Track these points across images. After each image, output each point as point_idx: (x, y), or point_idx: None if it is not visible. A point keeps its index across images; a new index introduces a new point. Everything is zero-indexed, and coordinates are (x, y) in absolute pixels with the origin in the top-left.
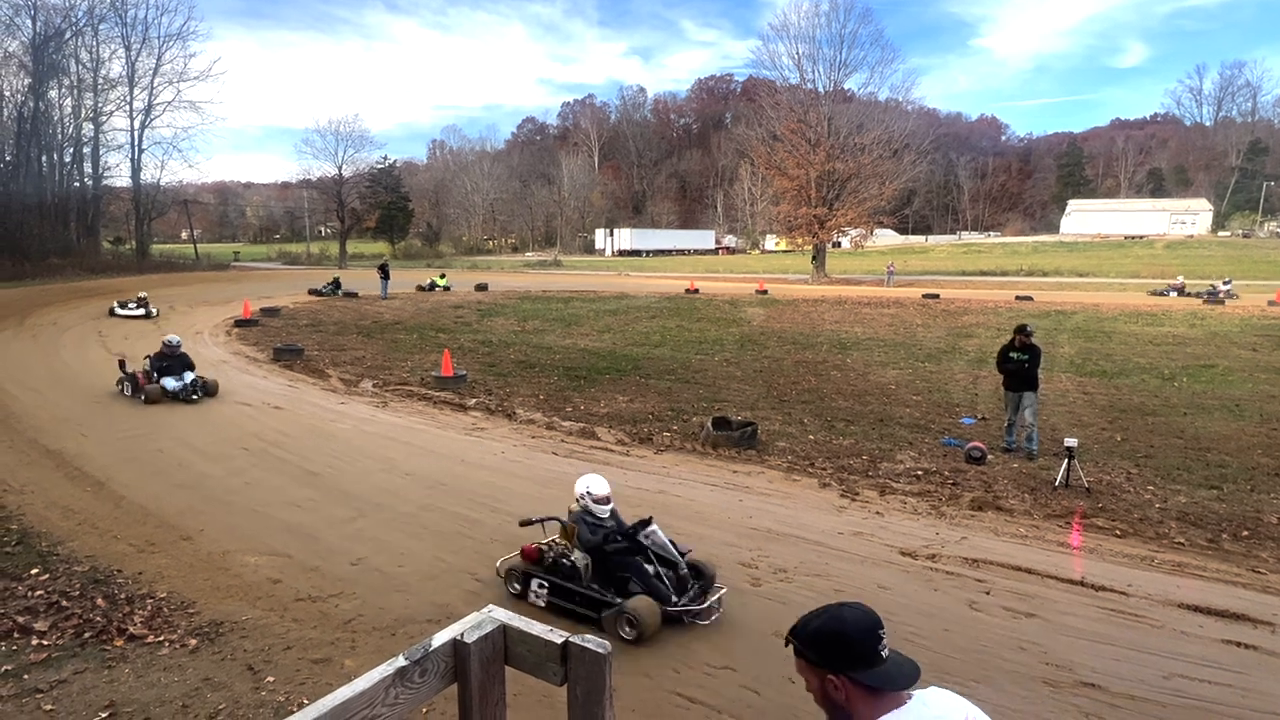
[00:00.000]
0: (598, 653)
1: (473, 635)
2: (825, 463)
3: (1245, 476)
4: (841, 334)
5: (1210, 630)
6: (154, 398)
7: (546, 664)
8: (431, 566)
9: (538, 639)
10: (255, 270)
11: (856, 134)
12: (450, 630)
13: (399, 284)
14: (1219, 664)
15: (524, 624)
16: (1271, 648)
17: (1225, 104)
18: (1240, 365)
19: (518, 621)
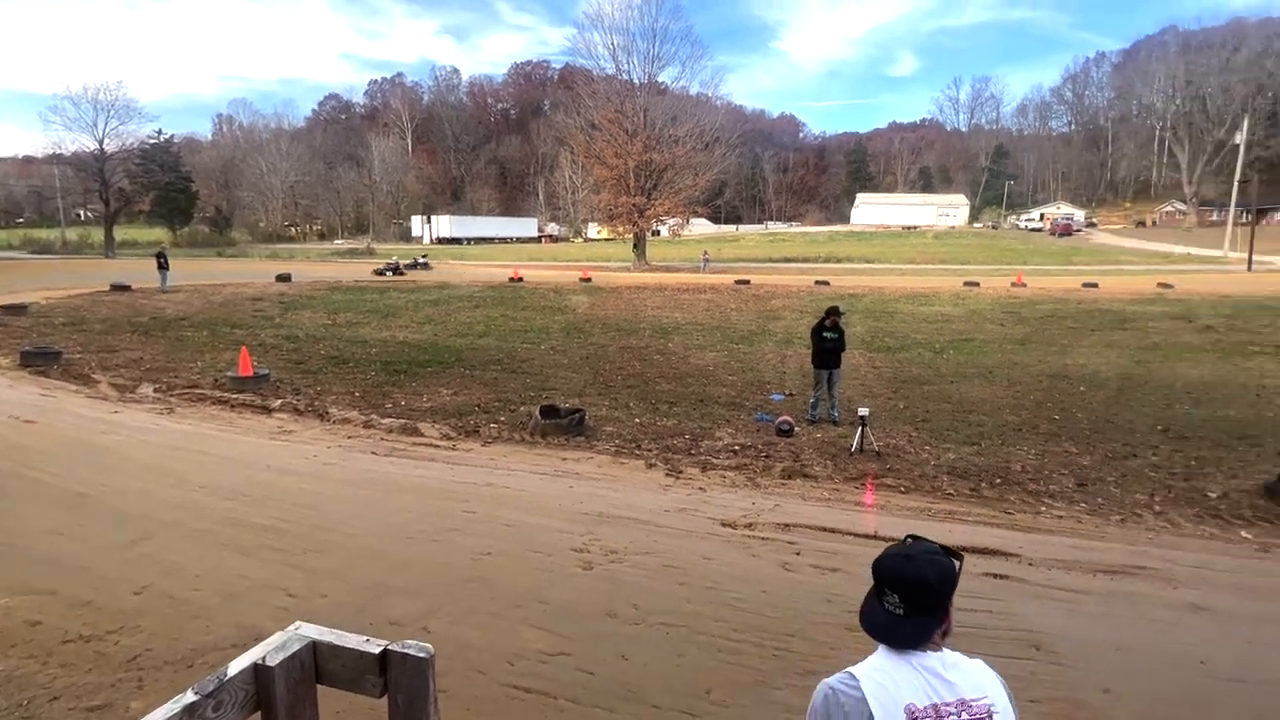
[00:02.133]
0: (419, 658)
1: (276, 657)
2: (651, 444)
3: (997, 433)
4: (663, 320)
5: (975, 566)
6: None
7: (363, 677)
8: (234, 585)
9: (352, 651)
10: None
11: (671, 126)
12: (250, 654)
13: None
14: (982, 594)
15: (336, 637)
16: (1020, 575)
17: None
18: (992, 338)
19: (329, 636)
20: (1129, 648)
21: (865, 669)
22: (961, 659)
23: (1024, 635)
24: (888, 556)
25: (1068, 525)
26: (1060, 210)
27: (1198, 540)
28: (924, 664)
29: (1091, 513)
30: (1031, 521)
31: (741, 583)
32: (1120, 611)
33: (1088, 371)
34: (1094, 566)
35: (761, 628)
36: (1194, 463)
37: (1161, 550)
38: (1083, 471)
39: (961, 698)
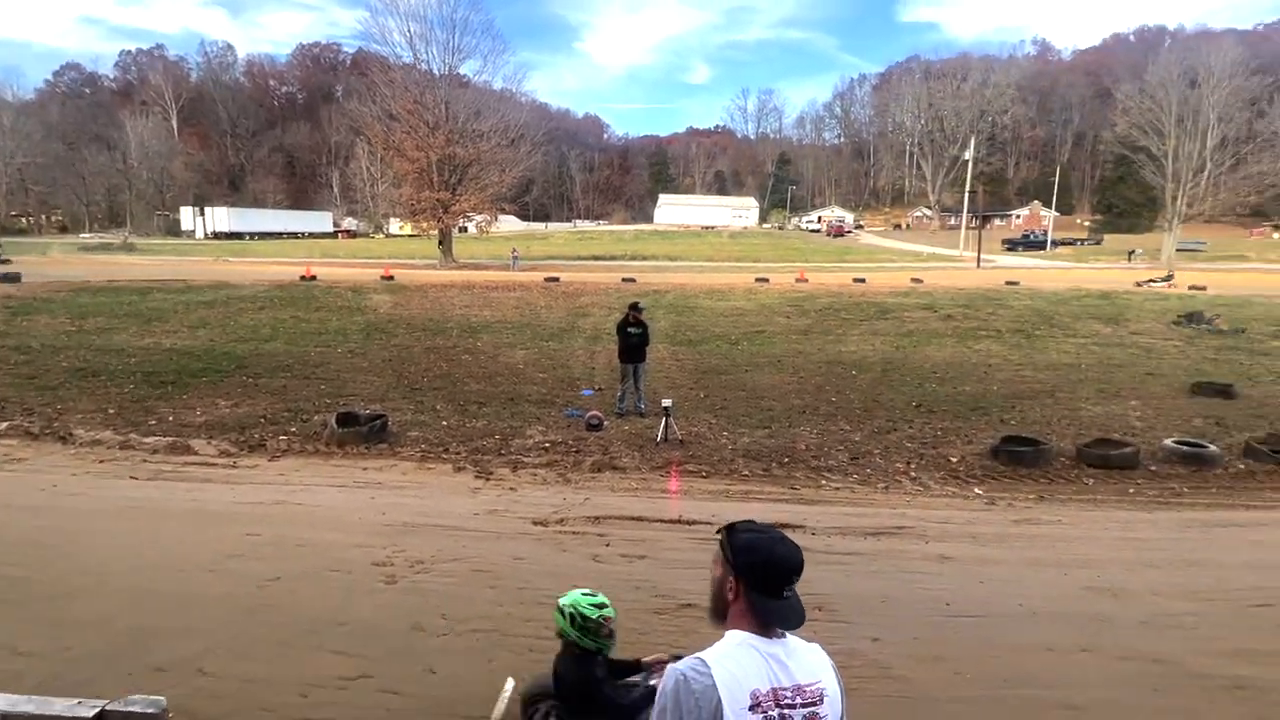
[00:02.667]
0: (148, 714)
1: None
2: (459, 447)
3: (786, 416)
4: (471, 318)
5: None
6: None
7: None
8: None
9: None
10: None
11: (475, 120)
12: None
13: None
14: None
15: (37, 704)
16: (805, 544)
17: (762, 122)
18: (780, 330)
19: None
20: (892, 598)
21: (716, 655)
22: (800, 645)
23: (809, 599)
24: (777, 547)
25: (843, 495)
26: (834, 214)
27: (943, 499)
28: (770, 650)
29: (862, 482)
30: (815, 495)
31: (553, 579)
32: (885, 568)
33: (858, 357)
34: (864, 530)
35: None
36: (940, 433)
37: (916, 510)
38: (855, 446)
39: (797, 683)
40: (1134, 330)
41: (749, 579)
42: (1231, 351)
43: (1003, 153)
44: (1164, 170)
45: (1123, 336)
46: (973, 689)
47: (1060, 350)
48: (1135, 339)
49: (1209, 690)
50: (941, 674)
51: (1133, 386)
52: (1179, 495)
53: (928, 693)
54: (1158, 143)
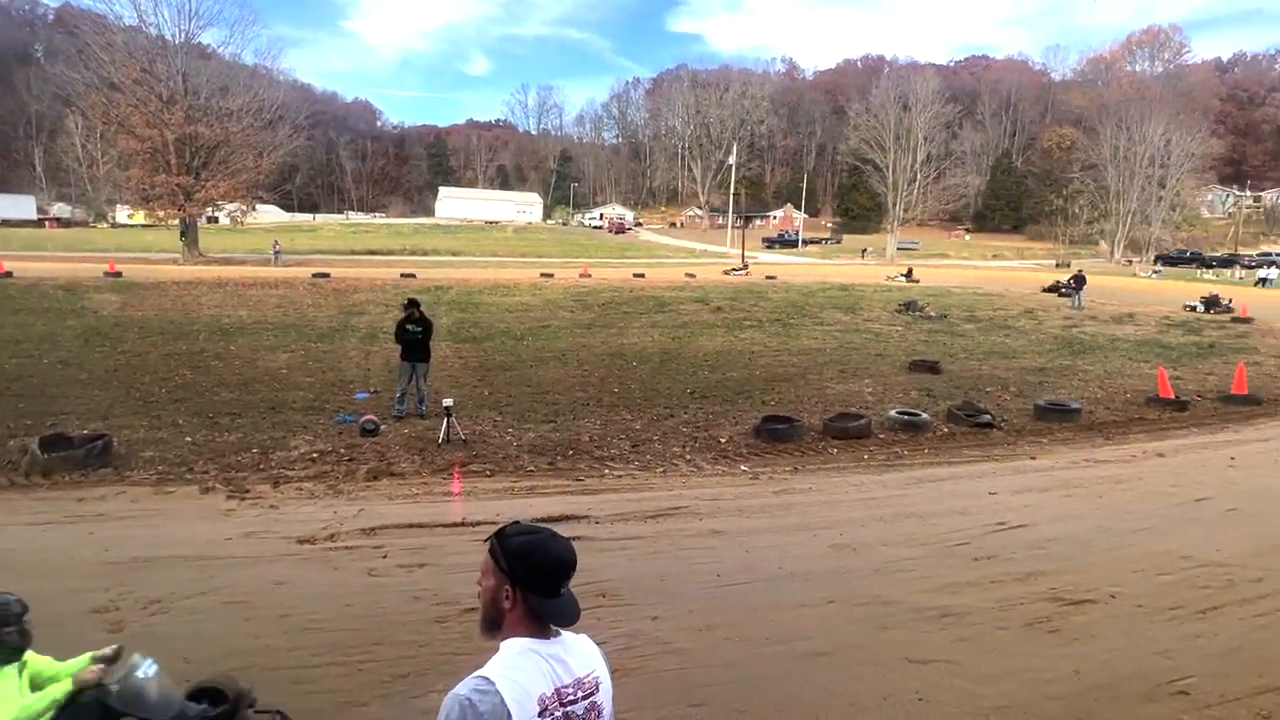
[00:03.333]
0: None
1: None
2: (208, 465)
3: (571, 410)
4: (224, 319)
5: None
6: None
7: None
8: None
9: None
10: None
11: (222, 97)
12: None
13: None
14: None
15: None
16: (589, 534)
17: (543, 118)
18: (565, 324)
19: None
20: (670, 575)
21: (498, 670)
22: (572, 638)
23: (593, 586)
24: (552, 546)
25: (625, 482)
26: (615, 211)
27: (714, 478)
28: (550, 652)
29: (643, 469)
30: (598, 484)
31: (321, 601)
32: (663, 548)
33: (639, 349)
34: (644, 514)
35: (345, 645)
36: (711, 416)
37: (691, 490)
38: (636, 434)
39: (577, 677)
40: (867, 318)
41: (526, 583)
42: (938, 334)
43: (761, 159)
44: (886, 180)
45: (858, 324)
46: (740, 651)
47: (810, 337)
48: (868, 325)
49: (922, 621)
50: (713, 641)
51: (866, 366)
52: (901, 457)
53: (702, 660)
54: (880, 156)
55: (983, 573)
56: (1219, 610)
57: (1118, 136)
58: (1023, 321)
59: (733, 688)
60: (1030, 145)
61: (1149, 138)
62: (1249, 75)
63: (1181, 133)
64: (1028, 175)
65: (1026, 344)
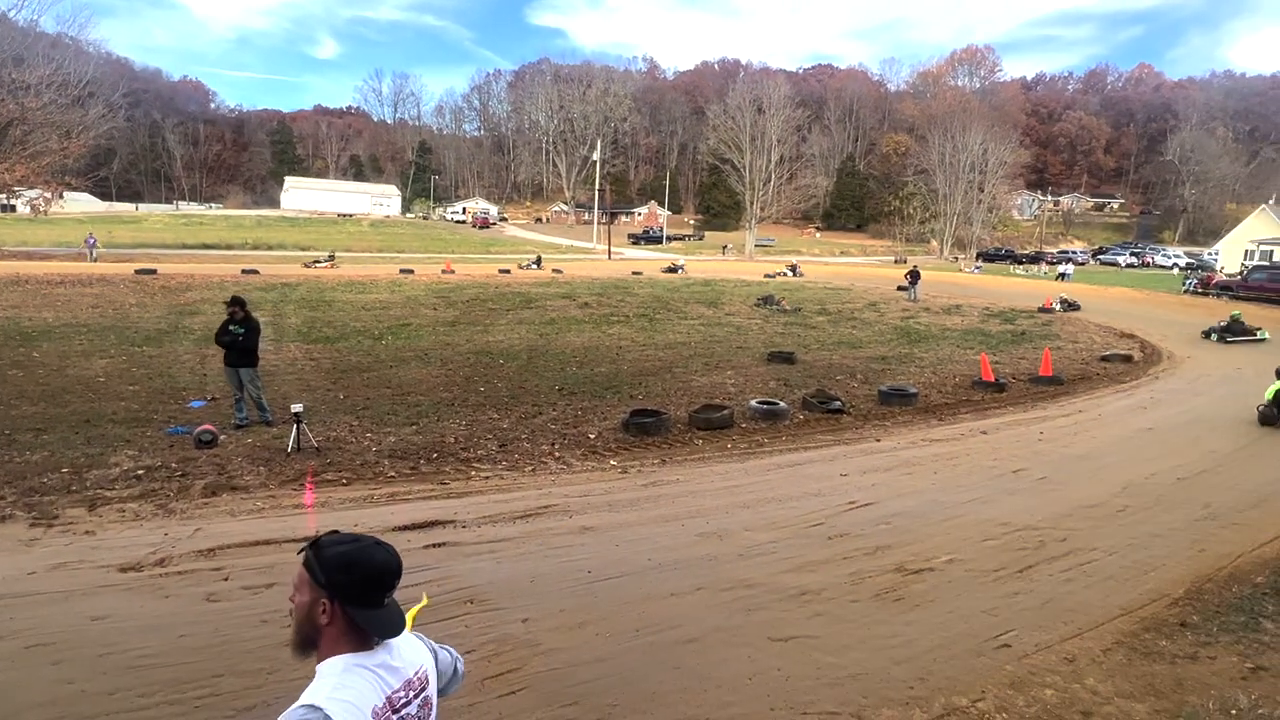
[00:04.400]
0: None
1: None
2: (3, 489)
3: (434, 411)
4: (24, 322)
5: (416, 542)
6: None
7: None
8: None
9: None
10: None
11: (15, 68)
12: None
13: None
14: (424, 566)
15: None
16: (455, 540)
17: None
18: (427, 322)
19: None
20: (540, 576)
21: (325, 694)
22: (396, 642)
23: (461, 593)
24: (376, 555)
25: (493, 484)
26: (479, 205)
27: (584, 474)
28: (375, 662)
29: (511, 468)
30: (465, 487)
31: (150, 634)
32: (533, 548)
33: (505, 346)
34: (513, 515)
35: (180, 680)
36: (580, 413)
37: (561, 488)
38: (503, 433)
39: (406, 679)
40: (728, 312)
41: (346, 596)
42: (793, 326)
43: (625, 156)
44: (744, 179)
45: (720, 317)
46: (611, 645)
47: (675, 331)
48: (730, 319)
49: (784, 600)
50: (584, 638)
51: (728, 358)
52: (761, 445)
53: (573, 659)
54: (738, 156)
55: (836, 550)
56: (1033, 569)
57: (944, 144)
58: (867, 314)
59: (604, 683)
60: (871, 150)
61: (970, 146)
62: (1049, 93)
63: (996, 143)
64: (869, 178)
65: (871, 334)
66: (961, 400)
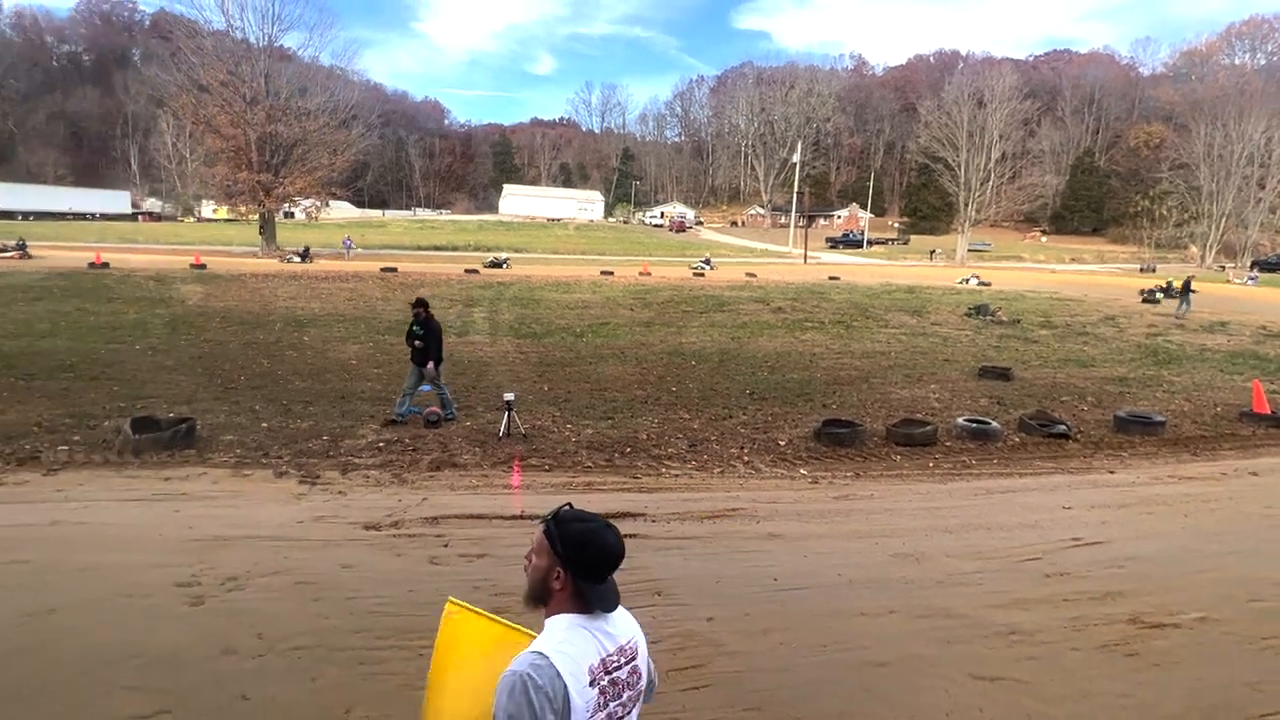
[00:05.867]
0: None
1: None
2: (282, 450)
3: (629, 407)
4: (297, 311)
5: None
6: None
7: None
8: None
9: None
10: None
11: (300, 98)
12: None
13: None
14: None
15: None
16: (646, 532)
17: (606, 116)
18: (624, 322)
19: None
20: (726, 578)
21: (551, 646)
22: (611, 614)
23: (649, 584)
24: (607, 538)
25: (683, 481)
26: (676, 209)
27: (773, 480)
28: (595, 625)
29: (700, 469)
30: (655, 483)
31: (386, 586)
32: (720, 549)
33: (697, 348)
34: (701, 514)
35: (407, 629)
36: (770, 418)
37: (749, 493)
38: (693, 434)
39: (619, 645)
40: (934, 321)
41: (577, 569)
42: (1010, 339)
43: (826, 157)
44: (958, 179)
45: (925, 327)
46: (796, 656)
47: (874, 340)
48: (935, 329)
49: (989, 636)
50: (769, 645)
51: (933, 371)
52: (969, 466)
53: (757, 664)
54: (952, 154)
55: (1055, 590)
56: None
57: (1212, 134)
58: (1103, 328)
59: (788, 694)
60: (1115, 143)
61: (1248, 135)
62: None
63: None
64: (1111, 175)
65: (1107, 352)
66: (1224, 434)
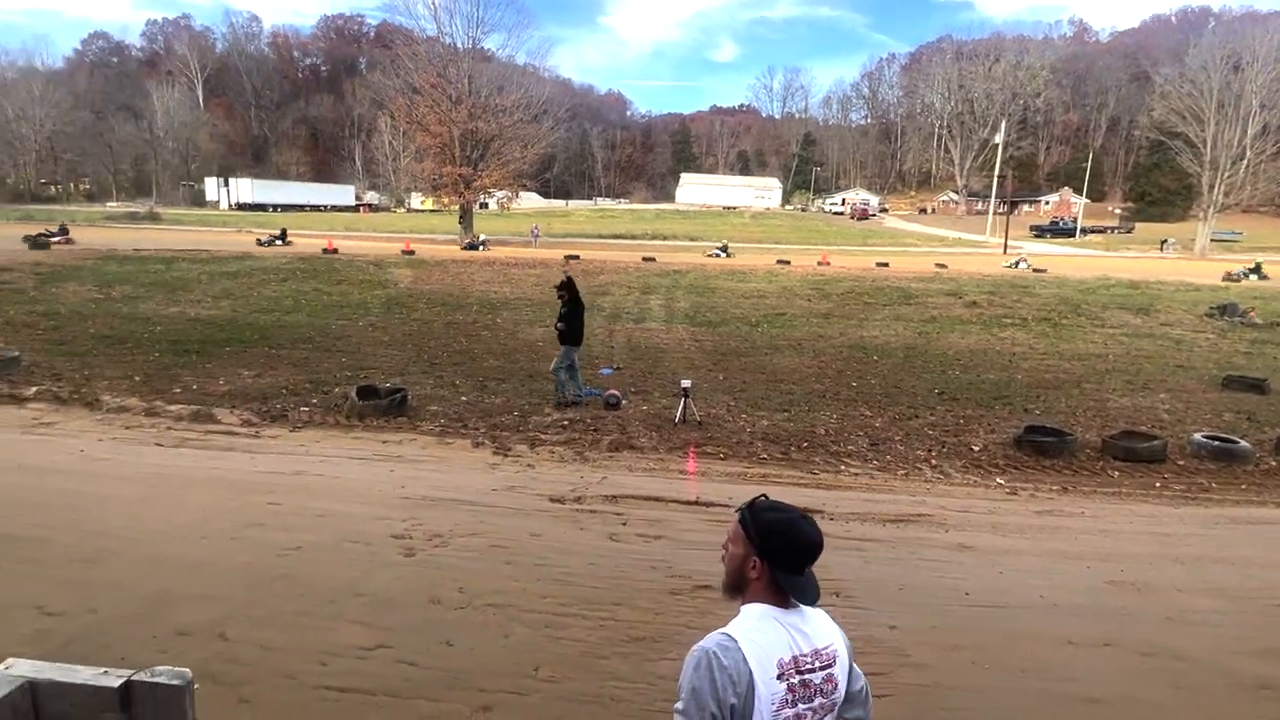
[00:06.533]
0: (173, 686)
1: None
2: (478, 422)
3: (806, 400)
4: (491, 294)
5: None
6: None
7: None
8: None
9: (84, 688)
10: None
11: (497, 95)
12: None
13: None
14: None
15: (61, 673)
16: (826, 530)
17: (788, 101)
18: (801, 313)
19: (52, 672)
20: (910, 586)
21: (741, 630)
22: (811, 612)
23: (827, 583)
24: (803, 528)
25: (863, 481)
26: (859, 196)
27: (964, 488)
28: (789, 620)
29: (882, 469)
30: (833, 480)
31: (570, 556)
32: (903, 555)
33: (880, 342)
34: (883, 516)
35: (589, 599)
36: (962, 421)
37: (936, 498)
38: (875, 432)
39: (815, 647)
40: (1164, 321)
41: (774, 560)
42: (1265, 345)
43: (1034, 136)
44: (1201, 157)
45: (1152, 328)
46: (991, 678)
47: (1088, 340)
48: (1165, 330)
49: (1233, 689)
50: (959, 662)
51: (1162, 379)
52: (1207, 490)
53: (945, 680)
54: (1196, 129)
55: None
56: None
57: None
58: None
59: (983, 716)
60: None
61: None
62: None
63: None
64: None
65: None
66: None
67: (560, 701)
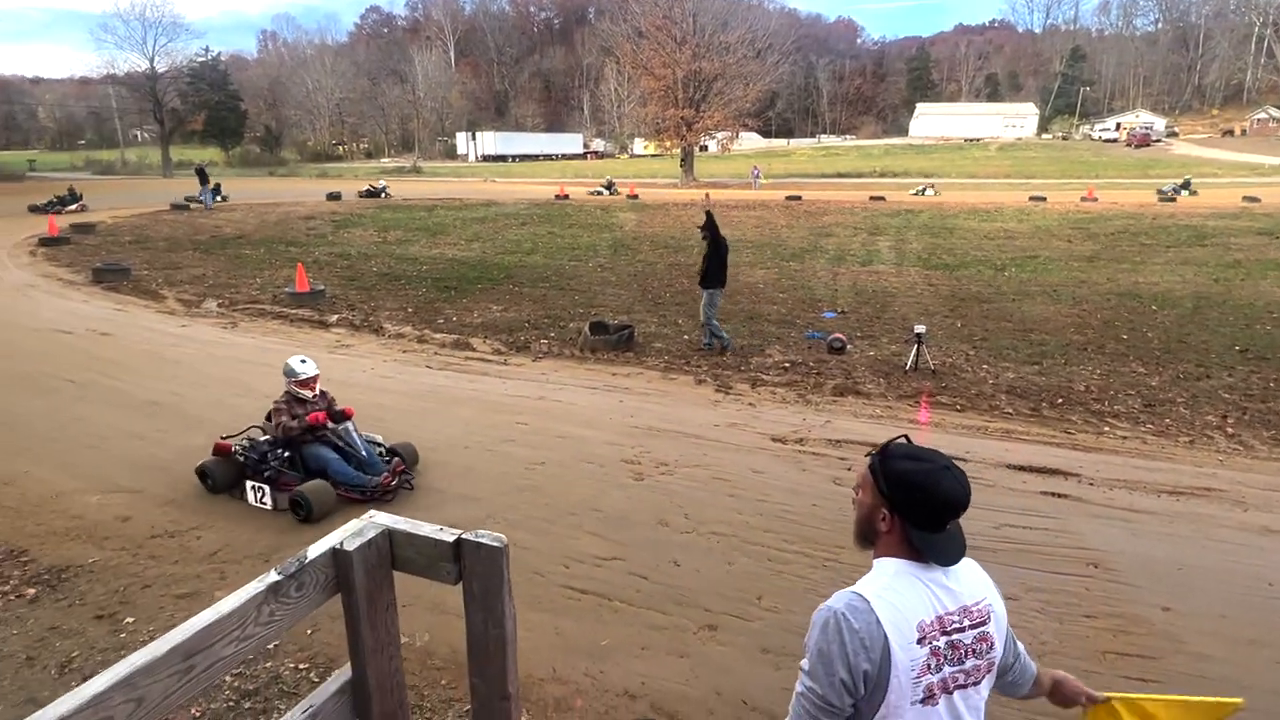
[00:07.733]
0: (494, 547)
1: (354, 543)
2: (700, 360)
3: (1060, 352)
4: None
5: (1032, 485)
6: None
7: (438, 564)
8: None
9: (427, 540)
10: (57, 180)
11: (721, 32)
12: (328, 540)
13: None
14: (1039, 512)
15: (410, 526)
16: (1079, 495)
17: (1052, 11)
18: (1058, 255)
19: (403, 524)
20: (1192, 568)
21: (874, 589)
22: (957, 567)
23: (1082, 553)
24: (942, 481)
25: (1132, 446)
26: (1139, 119)
27: (1273, 464)
28: (930, 576)
29: (1158, 434)
30: (1094, 442)
31: (792, 496)
32: (1184, 532)
33: (1160, 290)
34: (1158, 487)
35: (812, 539)
36: (1273, 384)
37: (1231, 473)
38: (1151, 392)
39: (963, 604)
40: None
41: (906, 515)
42: None
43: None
44: None
45: None
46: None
47: None
48: None
49: None
50: (1253, 658)
51: None
52: None
53: (1238, 678)
54: None
55: None
56: None
57: None
58: None
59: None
60: None
61: None
62: None
63: None
64: None
65: None
66: None
67: (782, 632)
